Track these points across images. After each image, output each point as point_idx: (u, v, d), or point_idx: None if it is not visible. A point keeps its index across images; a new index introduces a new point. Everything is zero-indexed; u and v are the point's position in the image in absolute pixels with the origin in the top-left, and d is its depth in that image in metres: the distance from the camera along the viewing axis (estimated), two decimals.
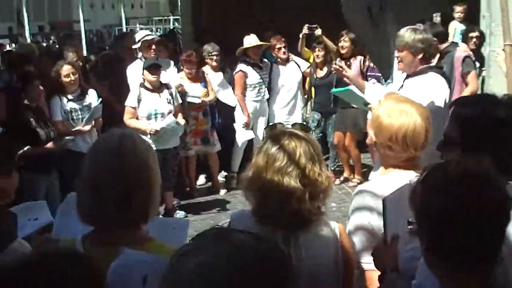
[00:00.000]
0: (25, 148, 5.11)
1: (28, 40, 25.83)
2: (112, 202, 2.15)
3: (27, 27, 29.29)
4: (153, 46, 8.27)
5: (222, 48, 8.91)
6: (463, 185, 1.75)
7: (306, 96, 9.56)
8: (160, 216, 6.34)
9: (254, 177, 2.54)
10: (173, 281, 1.37)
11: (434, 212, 1.77)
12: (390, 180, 2.75)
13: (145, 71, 7.37)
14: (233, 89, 8.82)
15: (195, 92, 8.24)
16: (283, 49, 9.09)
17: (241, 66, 8.80)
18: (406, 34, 4.97)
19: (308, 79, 9.28)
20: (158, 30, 31.07)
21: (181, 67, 8.42)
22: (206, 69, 8.65)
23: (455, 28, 9.69)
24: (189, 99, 8.18)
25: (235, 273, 1.32)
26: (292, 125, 2.84)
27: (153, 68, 7.35)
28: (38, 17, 45.76)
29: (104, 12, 51.15)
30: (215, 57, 8.73)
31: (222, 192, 8.69)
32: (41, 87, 6.41)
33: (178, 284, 1.35)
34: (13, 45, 26.77)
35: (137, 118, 7.38)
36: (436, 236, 1.78)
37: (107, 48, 13.53)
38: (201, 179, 9.10)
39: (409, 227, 2.52)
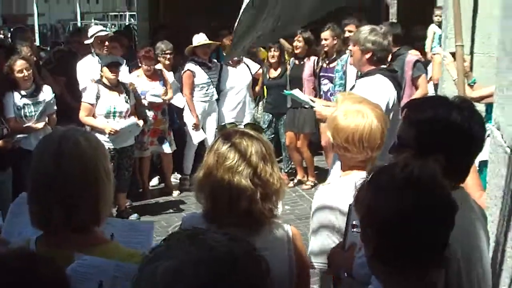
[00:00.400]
0: None
1: None
2: (58, 205, 2.09)
3: None
4: (106, 42, 8.11)
5: (178, 46, 8.82)
6: (407, 189, 1.76)
7: (258, 97, 9.53)
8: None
9: (204, 177, 2.50)
10: (144, 285, 1.31)
11: (378, 216, 1.77)
12: (350, 181, 2.76)
13: (105, 69, 7.26)
14: (181, 89, 8.71)
15: (155, 91, 8.14)
16: None
17: (189, 66, 8.69)
18: (362, 31, 5.08)
19: (260, 80, 9.26)
20: (114, 26, 30.71)
21: (139, 64, 8.28)
22: (158, 67, 8.53)
23: (434, 32, 9.72)
24: (149, 98, 8.09)
25: (205, 278, 1.26)
26: (244, 125, 2.82)
27: (113, 66, 7.25)
28: None
29: (59, 7, 50.22)
30: (168, 56, 8.64)
31: (175, 193, 8.62)
32: None
33: None
34: None
35: (93, 116, 7.24)
36: (378, 240, 1.78)
37: (61, 44, 13.27)
38: (154, 181, 9.02)
39: (353, 230, 2.53)
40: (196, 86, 8.67)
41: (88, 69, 7.81)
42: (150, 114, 8.17)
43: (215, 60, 9.09)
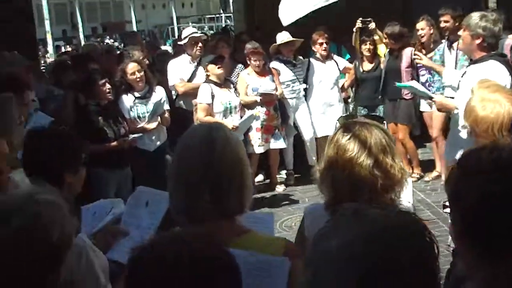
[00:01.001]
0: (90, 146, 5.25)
1: (82, 42, 26.40)
2: (207, 193, 2.15)
3: (81, 29, 30.07)
4: (199, 44, 8.26)
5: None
6: (495, 172, 1.69)
7: (352, 90, 9.43)
8: None
9: (325, 169, 2.53)
10: (319, 263, 1.37)
11: (463, 200, 1.71)
12: None
13: (211, 65, 7.40)
14: None
15: (266, 86, 8.15)
16: (324, 45, 8.89)
17: (273, 64, 8.69)
18: (473, 16, 5.08)
19: (349, 75, 9.21)
20: (210, 28, 31.27)
21: (247, 61, 8.36)
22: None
23: None
24: (262, 92, 8.08)
25: (377, 252, 1.30)
26: (364, 116, 2.88)
27: (218, 61, 7.40)
28: (91, 19, 46.63)
29: (155, 12, 51.77)
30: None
31: (280, 188, 8.70)
32: (108, 85, 6.53)
33: (324, 266, 1.36)
34: (68, 47, 27.40)
35: (211, 115, 7.41)
36: (463, 225, 1.73)
37: (159, 47, 13.74)
38: (259, 177, 9.10)
39: (444, 210, 2.52)
40: (282, 84, 8.61)
41: (179, 68, 8.03)
42: (262, 110, 8.17)
43: (301, 57, 9.03)
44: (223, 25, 21.31)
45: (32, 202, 2.01)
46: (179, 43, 8.59)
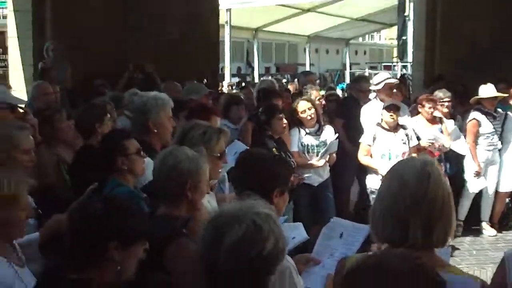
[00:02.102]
0: None
1: (256, 79, 27.42)
2: (419, 227, 2.27)
3: (256, 68, 31.23)
4: (394, 90, 8.28)
5: (455, 95, 8.85)
6: None
7: None
8: None
9: None
10: None
11: None
12: None
13: (384, 111, 7.44)
14: (464, 136, 8.66)
15: (434, 135, 8.11)
16: None
17: (475, 115, 8.64)
18: None
19: None
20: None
21: (419, 109, 8.34)
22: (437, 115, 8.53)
23: None
24: (430, 142, 8.02)
25: None
26: None
27: (392, 108, 7.42)
28: (266, 59, 48.32)
29: (328, 57, 52.58)
30: (446, 103, 8.63)
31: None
32: (285, 121, 6.79)
33: None
34: (242, 83, 28.52)
35: (370, 156, 7.49)
36: None
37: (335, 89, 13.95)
38: None
39: None
40: (481, 135, 8.59)
41: (371, 114, 8.08)
42: None
43: (500, 110, 8.87)
44: (401, 74, 21.23)
45: (253, 214, 2.13)
46: (373, 88, 8.62)
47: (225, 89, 18.81)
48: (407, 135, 7.50)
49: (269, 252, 2.07)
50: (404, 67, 26.26)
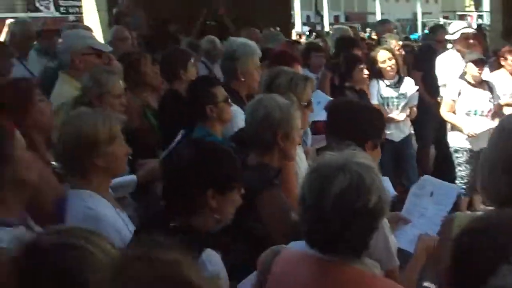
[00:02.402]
0: None
1: (326, 28, 27.01)
2: None
3: (326, 16, 30.91)
4: (471, 40, 7.94)
5: None
6: None
7: None
8: None
9: None
10: None
11: None
12: None
13: (470, 64, 7.08)
14: None
15: None
16: None
17: None
18: None
19: None
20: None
21: (501, 62, 8.01)
22: None
23: None
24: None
25: None
26: None
27: (479, 62, 7.05)
28: (335, 8, 47.57)
29: (398, 6, 51.33)
30: None
31: None
32: (366, 71, 6.58)
33: None
34: (312, 33, 28.21)
35: (454, 112, 7.11)
36: None
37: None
38: None
39: None
40: None
41: (448, 65, 7.82)
42: None
43: None
44: (477, 24, 20.52)
45: (355, 164, 2.04)
46: (448, 37, 8.34)
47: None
48: (492, 92, 7.17)
49: (374, 205, 2.00)
50: (480, 16, 25.30)
